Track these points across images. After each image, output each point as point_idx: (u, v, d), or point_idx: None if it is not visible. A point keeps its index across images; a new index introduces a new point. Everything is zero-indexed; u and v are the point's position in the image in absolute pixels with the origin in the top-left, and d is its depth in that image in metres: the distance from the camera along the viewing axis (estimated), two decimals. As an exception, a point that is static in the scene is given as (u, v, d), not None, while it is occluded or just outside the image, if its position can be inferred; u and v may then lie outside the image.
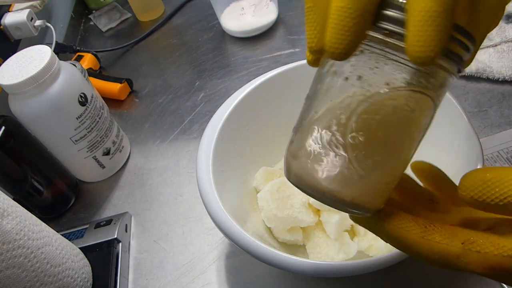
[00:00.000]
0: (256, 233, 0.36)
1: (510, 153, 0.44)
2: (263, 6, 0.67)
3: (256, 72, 0.63)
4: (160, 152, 0.56)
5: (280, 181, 0.38)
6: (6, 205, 0.33)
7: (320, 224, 0.37)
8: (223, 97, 0.58)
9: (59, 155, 0.51)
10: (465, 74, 0.52)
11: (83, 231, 0.46)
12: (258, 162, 0.42)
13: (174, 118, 0.60)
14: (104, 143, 0.51)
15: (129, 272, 0.44)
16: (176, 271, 0.43)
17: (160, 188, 0.51)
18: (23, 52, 0.45)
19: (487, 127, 0.47)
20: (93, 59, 0.71)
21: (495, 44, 0.54)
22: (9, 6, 0.67)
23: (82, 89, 0.47)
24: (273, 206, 0.36)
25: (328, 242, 0.36)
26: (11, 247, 0.32)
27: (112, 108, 0.64)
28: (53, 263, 0.36)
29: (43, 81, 0.43)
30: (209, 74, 0.66)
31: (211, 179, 0.34)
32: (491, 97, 0.50)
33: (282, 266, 0.29)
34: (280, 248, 0.37)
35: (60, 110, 0.45)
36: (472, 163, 0.31)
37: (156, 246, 0.46)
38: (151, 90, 0.66)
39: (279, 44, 0.67)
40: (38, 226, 0.36)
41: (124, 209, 0.50)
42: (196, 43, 0.73)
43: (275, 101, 0.43)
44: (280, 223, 0.36)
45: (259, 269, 0.41)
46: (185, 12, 0.82)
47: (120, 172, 0.55)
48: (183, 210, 0.48)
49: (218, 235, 0.44)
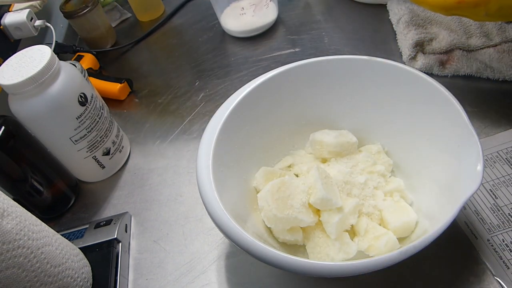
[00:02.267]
0: (256, 233, 0.36)
1: (510, 153, 0.44)
2: (263, 6, 0.67)
3: (256, 72, 0.63)
4: (160, 152, 0.56)
5: (280, 181, 0.38)
6: (6, 205, 0.33)
7: (320, 224, 0.37)
8: (223, 97, 0.58)
9: (59, 155, 0.51)
10: (465, 74, 0.52)
11: (83, 231, 0.46)
12: (258, 162, 0.42)
13: (174, 118, 0.60)
14: (104, 143, 0.51)
15: (129, 272, 0.44)
16: (176, 271, 0.43)
17: (160, 188, 0.51)
18: (23, 52, 0.45)
19: (487, 127, 0.47)
20: (93, 59, 0.71)
21: (495, 44, 0.54)
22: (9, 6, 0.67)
23: (82, 89, 0.47)
24: (273, 206, 0.36)
25: (328, 242, 0.36)
26: (11, 247, 0.32)
27: (112, 108, 0.64)
28: (53, 263, 0.36)
29: (43, 81, 0.43)
30: (209, 74, 0.66)
31: (211, 179, 0.34)
32: (491, 97, 0.50)
33: (282, 266, 0.29)
34: (280, 248, 0.37)
35: (60, 110, 0.45)
36: (472, 163, 0.31)
37: (156, 246, 0.46)
38: (151, 90, 0.66)
39: (279, 44, 0.67)
40: (38, 226, 0.36)
41: (124, 209, 0.50)
42: (196, 43, 0.73)
43: (275, 101, 0.43)
44: (280, 223, 0.36)
45: (259, 269, 0.41)
46: (185, 12, 0.82)
47: (120, 172, 0.55)
48: (183, 210, 0.48)
49: (218, 235, 0.44)
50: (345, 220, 0.36)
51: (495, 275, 0.36)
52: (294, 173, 0.43)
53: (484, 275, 0.36)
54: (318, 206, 0.36)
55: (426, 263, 0.38)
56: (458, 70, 0.53)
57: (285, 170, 0.43)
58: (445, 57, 0.54)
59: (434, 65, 0.53)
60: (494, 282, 0.36)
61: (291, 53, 0.65)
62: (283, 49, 0.66)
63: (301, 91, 0.43)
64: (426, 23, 0.57)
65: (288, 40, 0.67)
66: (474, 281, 0.36)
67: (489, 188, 0.42)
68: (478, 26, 0.55)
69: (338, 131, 0.43)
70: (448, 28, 0.56)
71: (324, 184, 0.36)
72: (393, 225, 0.36)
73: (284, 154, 0.46)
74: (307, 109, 0.44)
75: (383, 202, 0.39)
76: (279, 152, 0.46)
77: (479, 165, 0.30)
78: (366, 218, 0.38)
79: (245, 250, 0.30)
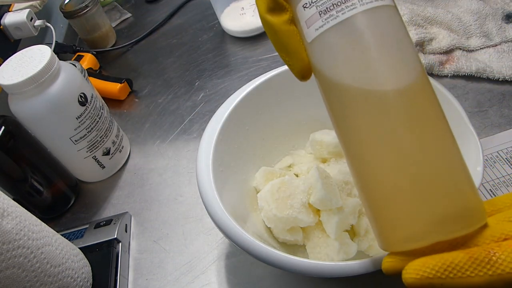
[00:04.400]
0: (256, 233, 0.36)
1: (510, 153, 0.44)
2: (263, 6, 0.67)
3: (256, 72, 0.63)
4: (160, 152, 0.56)
5: (280, 181, 0.38)
6: (6, 205, 0.33)
7: (320, 224, 0.37)
8: (223, 97, 0.58)
9: (59, 155, 0.51)
10: (465, 74, 0.52)
11: (83, 231, 0.46)
12: (258, 162, 0.42)
13: (174, 118, 0.60)
14: (104, 143, 0.51)
15: (129, 272, 0.44)
16: (176, 271, 0.43)
17: (160, 188, 0.51)
18: (23, 52, 0.45)
19: (487, 127, 0.46)
20: (93, 59, 0.71)
21: (495, 44, 0.54)
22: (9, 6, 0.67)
23: (82, 89, 0.47)
24: (273, 206, 0.36)
25: (328, 242, 0.36)
26: (11, 247, 0.32)
27: (112, 108, 0.64)
28: (53, 263, 0.36)
29: (43, 81, 0.43)
30: (209, 74, 0.66)
31: (211, 179, 0.34)
32: (491, 97, 0.50)
33: (282, 266, 0.29)
34: (280, 248, 0.37)
35: (60, 110, 0.45)
36: (471, 163, 0.31)
37: (156, 246, 0.45)
38: (151, 90, 0.66)
39: (279, 44, 0.67)
40: (38, 226, 0.36)
41: (124, 209, 0.50)
42: (196, 43, 0.73)
43: (275, 101, 0.43)
44: (280, 223, 0.36)
45: (259, 269, 0.41)
46: (185, 12, 0.82)
47: (120, 172, 0.55)
48: (183, 210, 0.48)
49: (218, 235, 0.44)
50: (345, 220, 0.36)
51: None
52: (294, 173, 0.43)
53: (484, 275, 0.36)
54: (318, 206, 0.36)
55: (426, 263, 0.38)
56: (458, 70, 0.53)
57: (285, 170, 0.43)
58: (445, 57, 0.54)
59: (434, 65, 0.53)
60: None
61: (291, 53, 0.64)
62: (283, 49, 0.65)
63: (301, 91, 0.43)
64: (426, 23, 0.57)
65: (288, 40, 0.67)
66: (474, 281, 0.36)
67: (489, 188, 0.41)
68: (478, 26, 0.55)
69: (338, 131, 0.43)
70: (448, 28, 0.56)
71: (324, 184, 0.36)
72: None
73: (284, 154, 0.46)
74: (307, 109, 0.44)
75: (383, 202, 0.38)
76: (279, 152, 0.45)
77: (479, 165, 0.30)
78: (366, 218, 0.38)
79: (245, 250, 0.30)
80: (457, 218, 0.21)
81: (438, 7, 0.59)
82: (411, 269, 0.21)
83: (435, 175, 0.22)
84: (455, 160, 0.23)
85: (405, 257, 0.22)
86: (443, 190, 0.22)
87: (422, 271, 0.20)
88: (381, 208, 0.24)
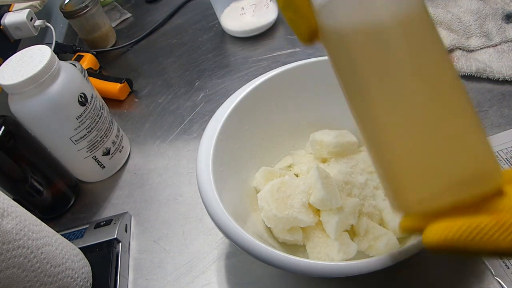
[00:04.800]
0: (256, 233, 0.36)
1: (510, 153, 0.44)
2: (263, 6, 0.67)
3: (256, 72, 0.63)
4: (160, 152, 0.56)
5: (280, 181, 0.38)
6: (6, 205, 0.33)
7: (320, 224, 0.37)
8: (223, 97, 0.58)
9: (59, 155, 0.51)
10: (465, 74, 0.52)
11: (83, 231, 0.46)
12: (258, 162, 0.42)
13: (174, 118, 0.60)
14: (104, 143, 0.51)
15: (129, 272, 0.44)
16: (176, 271, 0.43)
17: (160, 188, 0.51)
18: (23, 52, 0.45)
19: (487, 127, 0.47)
20: (93, 59, 0.71)
21: (495, 44, 0.54)
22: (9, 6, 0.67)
23: (82, 89, 0.47)
24: (273, 206, 0.36)
25: (328, 242, 0.36)
26: (11, 247, 0.32)
27: (112, 108, 0.64)
28: (53, 263, 0.36)
29: (43, 81, 0.43)
30: (209, 74, 0.66)
31: (211, 179, 0.34)
32: (491, 97, 0.50)
33: (282, 266, 0.29)
34: (280, 248, 0.37)
35: (60, 110, 0.45)
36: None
37: (156, 246, 0.45)
38: (151, 90, 0.66)
39: (279, 44, 0.67)
40: (38, 226, 0.36)
41: (124, 209, 0.50)
42: (196, 43, 0.73)
43: (275, 101, 0.43)
44: (280, 223, 0.36)
45: (259, 269, 0.41)
46: (185, 12, 0.82)
47: (120, 172, 0.55)
48: (183, 210, 0.48)
49: (218, 235, 0.44)
50: (345, 220, 0.36)
51: (495, 275, 0.36)
52: (294, 173, 0.43)
53: (484, 275, 0.36)
54: (318, 206, 0.36)
55: (426, 263, 0.38)
56: (458, 70, 0.53)
57: (285, 170, 0.43)
58: (445, 57, 0.54)
59: (434, 65, 0.53)
60: (494, 282, 0.36)
61: (291, 53, 0.65)
62: (283, 49, 0.66)
63: (301, 91, 0.43)
64: (426, 23, 0.57)
65: (288, 40, 0.67)
66: (474, 281, 0.36)
67: (489, 188, 0.41)
68: (478, 26, 0.55)
69: (338, 131, 0.43)
70: (448, 28, 0.56)
71: (324, 184, 0.36)
72: (393, 225, 0.36)
73: (284, 154, 0.46)
74: (307, 109, 0.44)
75: (384, 202, 0.39)
76: (279, 152, 0.45)
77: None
78: (366, 218, 0.38)
79: (245, 250, 0.30)
80: (474, 177, 0.21)
81: (438, 7, 0.59)
82: (433, 231, 0.20)
83: (450, 135, 0.22)
84: (471, 117, 0.23)
85: (425, 218, 0.21)
86: (459, 149, 0.21)
87: (446, 233, 0.19)
88: (397, 169, 0.23)
